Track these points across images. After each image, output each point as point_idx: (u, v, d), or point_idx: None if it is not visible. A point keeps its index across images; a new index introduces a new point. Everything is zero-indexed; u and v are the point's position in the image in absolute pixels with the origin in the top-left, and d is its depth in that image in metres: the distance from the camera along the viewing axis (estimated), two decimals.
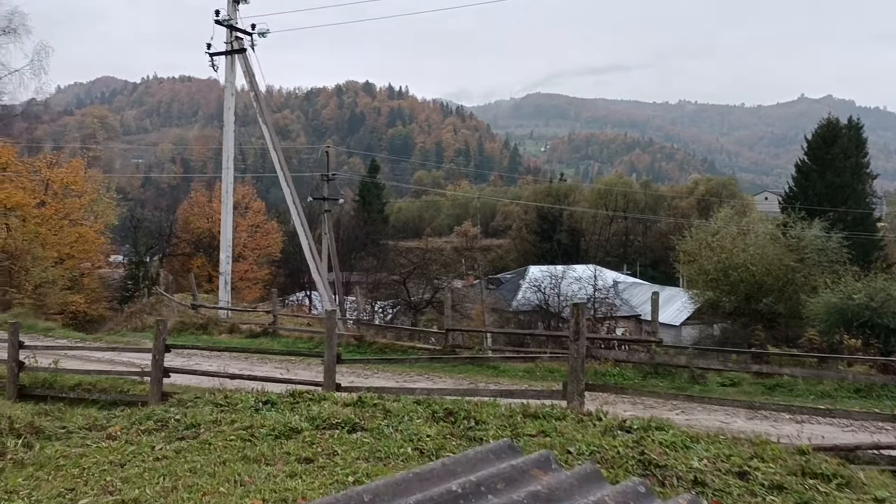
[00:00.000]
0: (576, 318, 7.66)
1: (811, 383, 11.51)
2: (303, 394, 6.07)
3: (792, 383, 11.55)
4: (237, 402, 5.80)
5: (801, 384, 11.54)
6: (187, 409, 5.72)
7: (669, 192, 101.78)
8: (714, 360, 14.30)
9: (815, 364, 12.27)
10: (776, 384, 11.55)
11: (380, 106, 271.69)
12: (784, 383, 11.61)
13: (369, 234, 65.56)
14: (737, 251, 33.59)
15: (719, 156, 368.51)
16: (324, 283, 22.33)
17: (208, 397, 6.07)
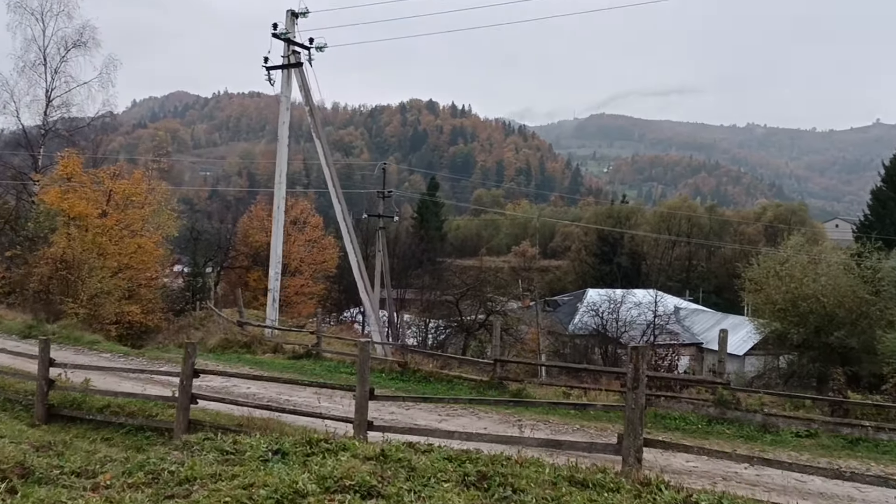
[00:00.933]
0: (634, 364, 6.80)
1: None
2: (320, 441, 5.49)
3: (877, 439, 10.45)
4: (246, 450, 5.27)
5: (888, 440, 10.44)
6: (190, 454, 5.23)
7: (735, 217, 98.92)
8: (786, 402, 13.28)
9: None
10: (859, 438, 10.46)
11: (442, 124, 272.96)
12: (868, 438, 10.52)
13: (426, 251, 65.37)
14: (807, 281, 32.08)
15: (788, 181, 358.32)
16: (371, 303, 21.91)
17: (217, 442, 5.55)
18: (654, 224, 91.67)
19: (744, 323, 46.87)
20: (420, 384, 15.04)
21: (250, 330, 20.85)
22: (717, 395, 11.87)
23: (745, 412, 10.48)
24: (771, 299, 33.24)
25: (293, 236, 48.46)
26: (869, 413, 11.49)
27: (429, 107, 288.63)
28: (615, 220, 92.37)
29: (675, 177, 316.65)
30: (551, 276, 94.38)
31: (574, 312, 53.26)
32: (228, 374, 10.69)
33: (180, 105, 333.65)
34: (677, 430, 11.00)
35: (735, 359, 46.56)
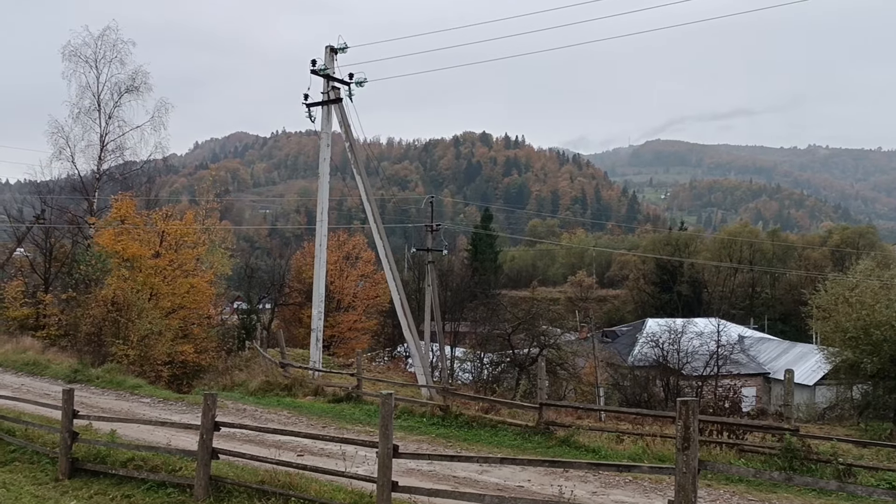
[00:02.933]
0: (684, 421, 5.92)
1: None
2: None
3: None
4: None
5: None
6: None
7: (800, 242, 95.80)
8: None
9: None
10: None
11: (496, 156, 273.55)
12: None
13: (480, 283, 64.82)
14: (879, 307, 30.58)
15: (854, 202, 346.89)
16: (415, 342, 21.38)
17: None
18: (715, 251, 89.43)
19: (813, 352, 44.95)
20: (462, 430, 14.37)
21: (292, 371, 20.52)
22: (784, 442, 10.90)
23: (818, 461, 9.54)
24: (841, 327, 31.79)
25: (346, 271, 48.54)
26: None
27: (482, 139, 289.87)
28: (673, 247, 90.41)
29: (735, 201, 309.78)
30: (609, 305, 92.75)
31: (633, 343, 51.94)
32: (249, 427, 10.21)
33: (240, 145, 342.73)
34: (741, 482, 10.11)
35: (805, 389, 44.57)
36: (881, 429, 26.47)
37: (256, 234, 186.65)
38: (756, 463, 11.18)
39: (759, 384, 49.95)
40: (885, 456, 12.46)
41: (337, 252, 48.14)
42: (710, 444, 12.30)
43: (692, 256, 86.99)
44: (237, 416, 15.70)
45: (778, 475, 6.45)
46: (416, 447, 12.53)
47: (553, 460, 8.39)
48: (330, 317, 43.36)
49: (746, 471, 6.84)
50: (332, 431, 13.79)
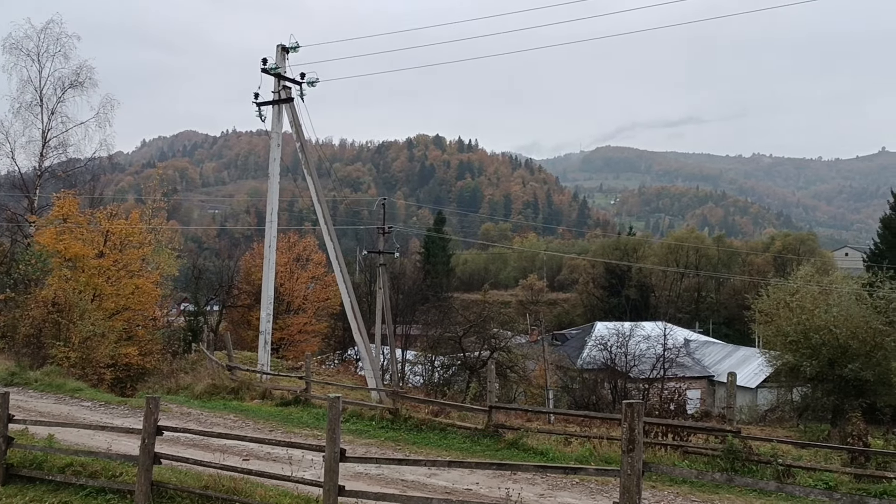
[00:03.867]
0: (629, 424, 5.95)
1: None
2: None
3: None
4: None
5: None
6: None
7: (744, 248, 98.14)
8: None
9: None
10: (884, 491, 9.68)
11: (449, 159, 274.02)
12: (893, 490, 9.71)
13: (432, 286, 64.86)
14: (818, 312, 31.45)
15: (795, 210, 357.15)
16: (365, 344, 21.24)
17: None
18: (662, 256, 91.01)
19: (755, 355, 46.04)
20: (411, 433, 14.32)
21: (239, 375, 20.17)
22: (726, 444, 11.14)
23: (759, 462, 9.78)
24: (782, 331, 32.58)
25: (296, 273, 48.08)
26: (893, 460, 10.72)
27: (435, 142, 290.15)
28: (622, 252, 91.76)
29: (683, 208, 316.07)
30: (559, 309, 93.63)
31: (582, 346, 52.52)
32: (193, 431, 9.99)
33: (189, 144, 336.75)
34: (685, 483, 10.29)
35: (747, 391, 45.60)
36: (819, 430, 27.20)
37: (205, 234, 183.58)
38: (700, 464, 11.40)
39: (704, 387, 50.96)
40: (822, 457, 12.81)
41: (287, 254, 47.64)
42: (655, 446, 12.51)
43: (640, 261, 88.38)
44: (182, 419, 15.40)
45: (720, 476, 6.59)
46: (365, 451, 12.46)
47: (501, 463, 8.41)
48: (279, 319, 42.84)
49: (689, 472, 6.97)
50: (280, 435, 13.62)
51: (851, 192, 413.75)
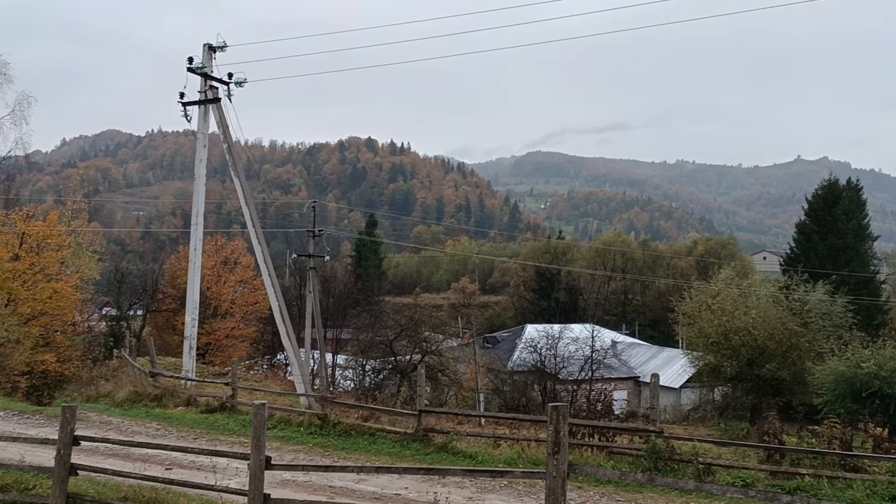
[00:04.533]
0: (555, 426, 6.02)
1: (838, 487, 10.07)
2: None
3: (816, 486, 10.10)
4: None
5: (827, 487, 10.08)
6: None
7: (668, 251, 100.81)
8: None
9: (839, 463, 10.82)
10: (797, 487, 10.11)
11: (381, 161, 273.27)
12: (806, 486, 10.16)
13: (363, 290, 64.39)
14: (738, 314, 32.48)
15: (717, 215, 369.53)
16: (294, 349, 20.97)
17: None
18: (590, 259, 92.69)
19: (679, 356, 47.22)
20: (340, 438, 14.20)
21: (163, 381, 19.62)
22: (650, 444, 11.44)
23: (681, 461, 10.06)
24: (704, 332, 33.50)
25: (223, 277, 47.07)
26: (805, 459, 11.19)
27: (368, 144, 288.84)
28: (552, 255, 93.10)
29: (610, 212, 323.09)
30: (491, 312, 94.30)
31: (513, 349, 52.98)
32: (113, 441, 9.65)
33: (112, 144, 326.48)
34: (610, 484, 10.52)
35: (671, 392, 46.80)
36: (739, 428, 28.15)
37: (129, 236, 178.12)
38: (625, 464, 11.66)
39: (630, 387, 52.08)
40: (741, 455, 13.26)
41: (214, 257, 46.62)
42: (582, 447, 12.74)
43: (569, 264, 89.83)
44: (101, 429, 14.89)
45: (641, 476, 6.77)
46: (293, 457, 12.29)
47: (429, 468, 8.43)
48: (206, 324, 41.86)
49: (613, 473, 7.13)
50: (204, 443, 13.30)
51: (769, 198, 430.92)
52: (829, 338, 29.57)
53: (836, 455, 10.96)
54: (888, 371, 21.97)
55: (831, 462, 10.92)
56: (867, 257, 52.69)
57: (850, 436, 12.37)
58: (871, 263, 53.19)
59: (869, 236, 55.11)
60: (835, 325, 31.88)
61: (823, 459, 11.02)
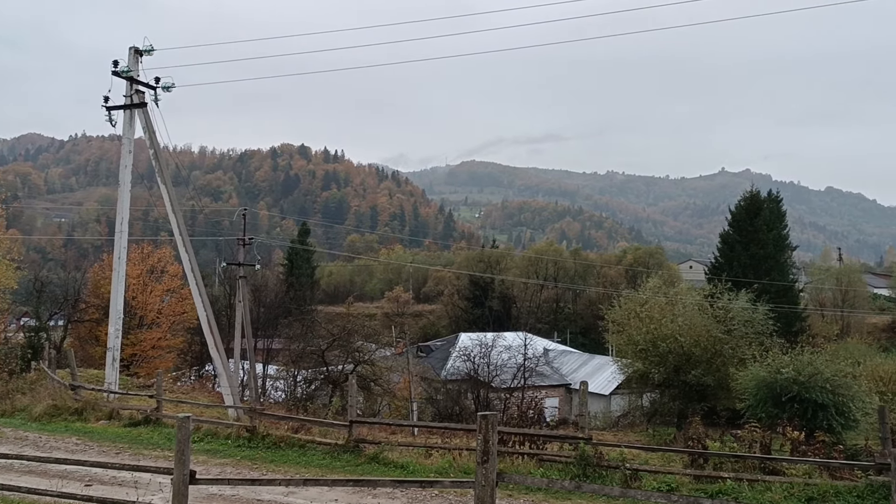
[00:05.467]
0: (484, 435, 5.98)
1: (758, 490, 10.40)
2: None
3: (737, 489, 10.40)
4: None
5: (747, 490, 10.40)
6: None
7: (599, 260, 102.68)
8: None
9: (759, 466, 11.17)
10: (719, 490, 10.39)
11: (315, 169, 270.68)
12: (727, 489, 10.46)
13: (295, 299, 63.53)
14: (665, 321, 33.22)
15: (646, 225, 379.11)
16: (222, 360, 20.50)
17: None
18: (524, 268, 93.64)
19: (608, 363, 47.97)
20: (270, 451, 13.92)
21: (84, 394, 18.89)
22: (578, 450, 11.59)
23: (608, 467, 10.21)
24: (633, 340, 34.18)
25: (150, 286, 45.79)
26: (727, 463, 11.51)
27: (300, 151, 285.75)
28: (486, 264, 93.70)
29: (543, 221, 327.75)
30: (425, 320, 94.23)
31: (447, 357, 52.98)
32: (28, 457, 9.24)
33: (33, 148, 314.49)
34: (539, 491, 10.59)
35: (601, 398, 47.55)
36: (666, 434, 28.77)
37: (50, 244, 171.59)
38: (554, 472, 11.76)
39: (562, 394, 52.70)
40: (667, 459, 13.54)
41: (140, 265, 45.31)
42: (513, 455, 12.80)
43: (503, 273, 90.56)
44: (17, 444, 14.24)
45: (568, 483, 6.85)
46: (220, 471, 11.99)
47: (358, 479, 8.33)
48: (131, 334, 40.59)
49: (541, 481, 7.19)
50: (127, 458, 12.85)
51: (695, 209, 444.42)
52: (752, 344, 30.57)
53: (756, 458, 11.31)
54: (806, 376, 22.82)
55: (752, 465, 11.26)
56: (787, 266, 54.74)
57: (770, 439, 12.78)
58: (790, 272, 55.27)
59: (788, 246, 57.31)
60: (756, 331, 32.96)
61: (744, 463, 11.36)
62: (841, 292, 70.22)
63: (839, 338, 56.40)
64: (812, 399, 22.32)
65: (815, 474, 10.86)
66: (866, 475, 10.39)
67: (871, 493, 9.89)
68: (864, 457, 13.22)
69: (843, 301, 69.00)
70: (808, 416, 21.78)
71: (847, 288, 70.67)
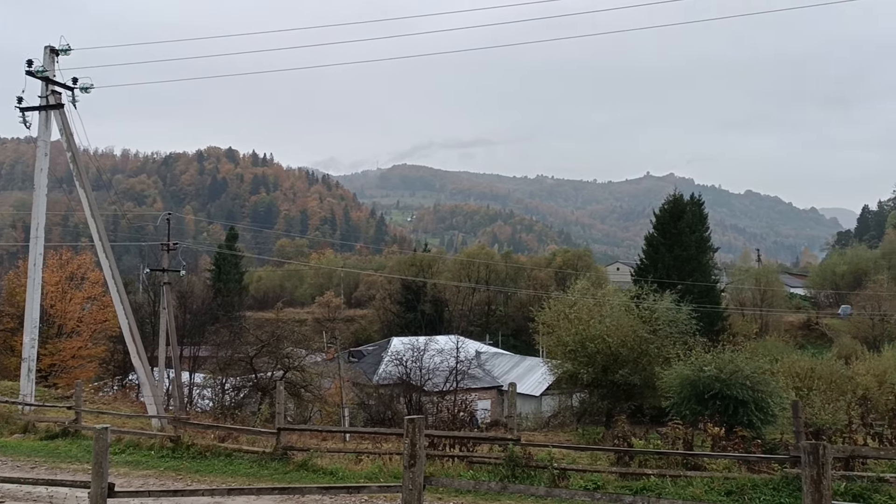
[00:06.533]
0: (411, 439, 5.95)
1: (680, 485, 10.68)
2: None
3: (660, 485, 10.67)
4: None
5: (670, 486, 10.67)
6: None
7: (529, 263, 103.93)
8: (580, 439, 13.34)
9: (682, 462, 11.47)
10: (643, 487, 10.63)
11: (243, 173, 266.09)
12: (651, 486, 10.71)
13: (223, 305, 62.19)
14: (594, 323, 33.84)
15: (574, 228, 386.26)
16: (145, 369, 19.90)
17: None
18: (456, 271, 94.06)
19: (539, 364, 48.57)
20: (195, 461, 13.56)
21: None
22: (507, 451, 11.69)
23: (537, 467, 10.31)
24: (562, 341, 34.72)
25: (69, 294, 44.08)
26: (651, 459, 11.79)
27: (228, 155, 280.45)
28: (418, 268, 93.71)
29: (475, 225, 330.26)
30: (356, 325, 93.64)
31: (379, 362, 52.76)
32: None
33: None
34: (469, 493, 10.63)
35: (532, 399, 48.13)
36: (595, 433, 29.30)
37: None
38: (484, 473, 11.82)
39: (494, 397, 53.09)
40: (595, 458, 13.78)
41: (59, 272, 43.58)
42: (443, 458, 12.83)
43: (435, 277, 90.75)
44: None
45: (495, 485, 6.90)
46: (142, 483, 11.62)
47: (285, 487, 8.19)
48: (50, 344, 39.01)
49: (468, 483, 7.22)
50: (43, 472, 12.31)
51: (622, 212, 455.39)
52: (676, 344, 31.36)
53: (678, 455, 11.62)
54: (727, 374, 23.55)
55: (675, 461, 11.56)
56: (709, 268, 56.49)
57: (692, 436, 13.15)
58: (712, 273, 57.06)
59: (710, 248, 59.18)
60: (680, 331, 33.88)
61: (668, 459, 11.65)
62: (760, 292, 72.99)
63: (758, 336, 58.63)
64: (733, 396, 23.02)
65: (734, 468, 11.23)
66: (782, 468, 10.78)
67: (786, 485, 10.28)
68: (782, 450, 13.73)
69: (761, 300, 71.73)
70: (730, 413, 22.46)
71: (765, 288, 73.53)
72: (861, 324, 63.59)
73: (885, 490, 10.04)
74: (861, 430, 14.01)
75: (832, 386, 29.25)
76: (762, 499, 10.04)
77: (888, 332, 57.73)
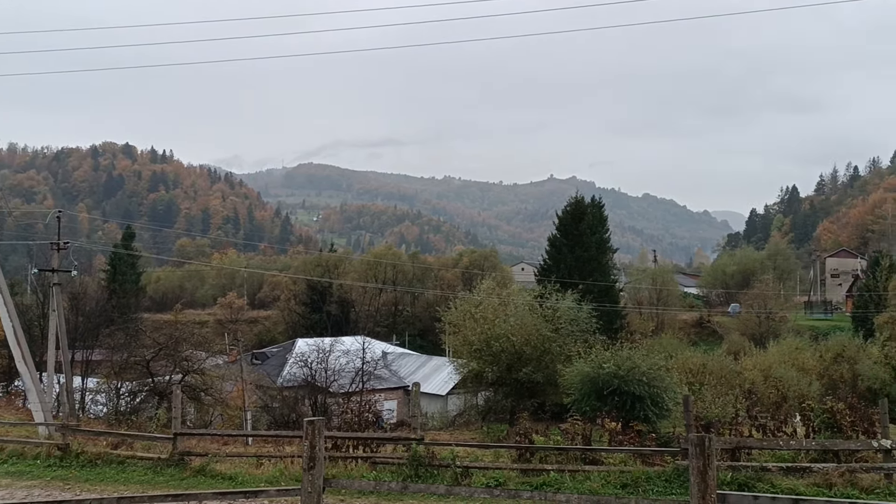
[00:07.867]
0: (310, 441, 5.85)
1: (578, 480, 10.96)
2: None
3: (559, 480, 10.93)
4: None
5: (569, 481, 10.95)
6: None
7: (436, 263, 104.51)
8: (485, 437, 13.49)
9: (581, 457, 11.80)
10: (543, 482, 10.85)
11: (141, 169, 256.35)
12: (551, 481, 10.95)
13: (119, 306, 59.74)
14: (499, 322, 34.33)
15: (481, 228, 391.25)
16: (31, 374, 18.87)
17: None
18: (362, 272, 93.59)
19: (445, 364, 48.86)
20: (85, 469, 12.93)
21: None
22: (411, 451, 11.71)
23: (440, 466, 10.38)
24: (468, 340, 35.08)
25: None
26: (551, 456, 12.06)
27: (125, 151, 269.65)
28: (324, 268, 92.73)
29: (382, 225, 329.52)
30: (260, 327, 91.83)
31: (283, 364, 51.87)
32: None
33: None
34: (372, 494, 10.59)
35: (438, 399, 48.37)
36: (499, 430, 29.74)
37: None
38: (387, 474, 11.81)
39: (401, 397, 53.06)
40: (498, 455, 13.98)
41: None
42: (347, 459, 12.74)
43: (341, 277, 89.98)
44: None
45: (395, 485, 6.90)
46: (26, 494, 11.02)
47: (177, 494, 7.92)
48: None
49: (368, 483, 7.20)
50: None
51: (527, 214, 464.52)
52: (577, 342, 32.20)
53: (577, 450, 11.96)
54: (625, 370, 24.35)
55: (574, 457, 11.89)
56: (608, 268, 58.31)
57: (591, 431, 13.54)
58: (611, 273, 58.93)
59: (609, 249, 61.13)
60: (581, 329, 34.79)
61: (567, 455, 11.96)
62: (656, 291, 75.95)
63: (654, 333, 60.93)
64: (630, 391, 23.81)
65: (630, 462, 11.65)
66: (674, 460, 11.26)
67: (677, 476, 10.74)
68: (675, 443, 14.33)
69: (657, 299, 74.64)
70: (628, 408, 23.23)
71: (661, 287, 76.58)
72: (749, 321, 66.99)
73: (767, 479, 10.63)
74: (747, 422, 14.76)
75: (722, 381, 30.65)
76: (655, 490, 10.46)
77: (773, 329, 61.16)
